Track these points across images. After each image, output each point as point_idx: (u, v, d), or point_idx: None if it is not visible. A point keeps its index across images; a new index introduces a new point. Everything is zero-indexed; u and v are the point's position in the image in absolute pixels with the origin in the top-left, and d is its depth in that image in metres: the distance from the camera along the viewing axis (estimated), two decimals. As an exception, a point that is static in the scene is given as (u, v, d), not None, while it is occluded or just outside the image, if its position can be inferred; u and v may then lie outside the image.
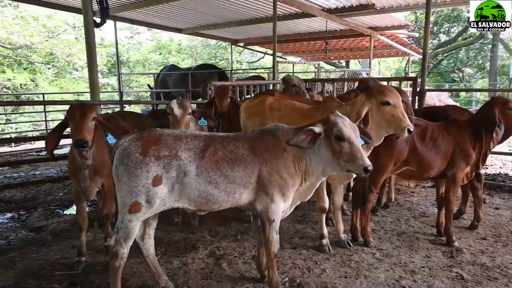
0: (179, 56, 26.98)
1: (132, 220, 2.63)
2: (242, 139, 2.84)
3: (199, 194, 2.67)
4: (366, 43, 13.12)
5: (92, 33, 5.10)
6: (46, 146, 3.33)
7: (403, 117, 3.11)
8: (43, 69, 18.74)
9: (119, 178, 2.61)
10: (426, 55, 6.31)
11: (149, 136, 2.68)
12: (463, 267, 3.53)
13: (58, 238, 4.36)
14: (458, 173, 3.95)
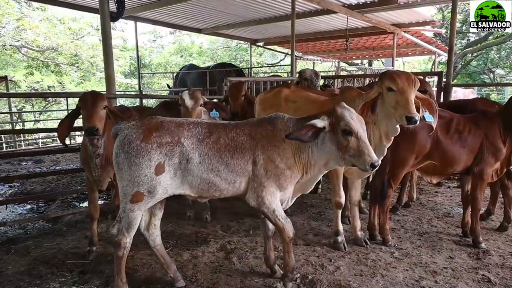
0: (200, 59, 27.24)
1: (134, 209, 2.57)
2: (242, 126, 2.78)
3: (201, 181, 2.62)
4: (389, 41, 12.73)
5: (108, 27, 5.12)
6: (58, 133, 3.33)
7: (406, 104, 2.89)
8: (69, 71, 19.29)
9: (120, 166, 2.54)
10: (452, 48, 6.05)
11: (150, 123, 2.61)
12: (490, 269, 3.28)
13: (73, 229, 4.44)
14: (487, 169, 3.67)
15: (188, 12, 10.36)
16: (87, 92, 3.34)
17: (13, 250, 3.80)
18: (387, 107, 3.07)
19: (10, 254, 3.70)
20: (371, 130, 3.27)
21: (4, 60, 17.32)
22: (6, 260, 3.56)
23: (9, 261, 3.53)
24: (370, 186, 3.95)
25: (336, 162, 2.64)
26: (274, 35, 13.67)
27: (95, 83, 20.82)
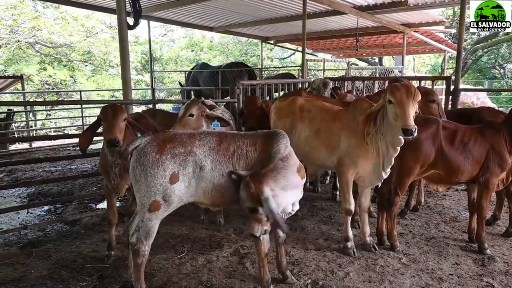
0: (210, 53, 27.33)
1: (152, 218, 2.74)
2: (249, 137, 2.99)
3: (213, 188, 2.78)
4: (399, 39, 12.77)
5: (125, 33, 5.24)
6: (79, 144, 3.48)
7: (402, 116, 3.02)
8: (81, 67, 19.54)
9: (137, 178, 2.71)
10: (460, 53, 6.12)
11: (163, 136, 2.80)
12: (495, 276, 3.42)
13: (90, 232, 4.58)
14: (492, 179, 3.79)
15: (200, 11, 10.50)
16: (108, 104, 3.47)
17: (34, 253, 3.93)
18: (389, 119, 3.22)
19: (31, 258, 3.83)
20: (379, 141, 3.43)
21: (17, 55, 17.56)
22: (28, 264, 3.69)
23: (31, 265, 3.67)
24: (378, 193, 4.09)
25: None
26: (285, 33, 13.76)
27: (106, 77, 21.10)
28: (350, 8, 8.86)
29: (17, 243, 4.29)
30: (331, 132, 3.79)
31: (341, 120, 3.77)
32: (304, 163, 4.29)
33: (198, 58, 26.38)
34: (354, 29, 11.33)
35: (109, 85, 20.66)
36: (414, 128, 2.97)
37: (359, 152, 3.58)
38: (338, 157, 3.74)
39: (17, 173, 7.85)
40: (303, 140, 4.01)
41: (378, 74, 10.90)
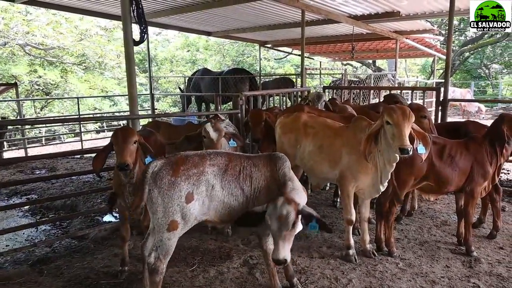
0: (206, 53, 27.37)
1: (171, 238, 2.93)
2: (254, 158, 3.26)
3: (223, 206, 3.03)
4: (392, 45, 13.26)
5: (132, 49, 5.28)
6: (93, 166, 3.57)
7: (399, 136, 3.33)
8: (74, 69, 19.38)
9: (153, 201, 2.87)
10: (448, 66, 6.50)
11: (176, 158, 2.99)
12: (480, 277, 3.79)
13: (100, 246, 4.60)
14: (477, 188, 4.20)
15: (199, 17, 10.73)
16: (119, 128, 3.53)
17: (45, 271, 3.91)
18: (387, 139, 3.57)
19: (44, 276, 3.81)
20: (377, 157, 3.80)
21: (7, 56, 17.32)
22: (41, 283, 3.66)
23: (44, 283, 3.64)
24: (376, 203, 4.46)
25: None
26: (282, 38, 14.09)
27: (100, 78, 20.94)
28: (346, 18, 9.25)
29: (26, 261, 4.30)
30: (333, 148, 4.14)
31: (342, 137, 4.12)
32: (309, 176, 4.69)
33: (194, 58, 26.45)
34: (349, 35, 11.72)
35: (102, 86, 20.52)
36: (410, 148, 3.31)
37: (359, 167, 3.92)
38: (339, 171, 4.09)
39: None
40: (307, 154, 4.37)
41: (373, 78, 11.32)
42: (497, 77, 27.12)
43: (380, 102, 6.05)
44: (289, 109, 5.42)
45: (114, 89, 21.25)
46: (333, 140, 4.17)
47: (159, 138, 4.48)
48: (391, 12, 9.05)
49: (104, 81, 20.79)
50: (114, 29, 19.62)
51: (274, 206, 2.75)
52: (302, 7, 7.91)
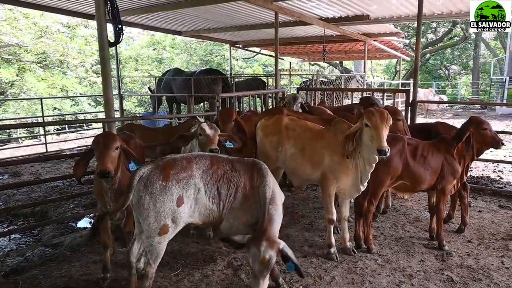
0: (173, 52, 26.97)
1: (161, 242, 2.95)
2: (237, 162, 3.27)
3: (205, 209, 3.08)
4: (360, 46, 13.70)
5: (107, 51, 5.09)
6: (74, 173, 3.46)
7: (377, 138, 3.50)
8: (32, 67, 18.38)
9: (145, 207, 2.85)
10: (417, 69, 6.81)
11: (165, 163, 3.00)
12: (453, 269, 4.05)
13: (77, 253, 4.46)
14: (447, 186, 4.46)
15: (170, 16, 10.57)
16: (100, 134, 3.42)
17: (20, 281, 3.74)
18: (365, 140, 3.73)
19: (20, 287, 3.65)
20: (357, 158, 3.96)
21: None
22: None
23: None
24: (355, 203, 4.62)
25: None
26: (253, 38, 14.18)
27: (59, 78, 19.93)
28: (317, 20, 9.46)
29: (-2, 272, 4.07)
30: (315, 150, 4.26)
31: (324, 139, 4.24)
32: (291, 177, 4.78)
33: (161, 57, 26.00)
34: (319, 37, 12.01)
35: (61, 85, 19.60)
36: (387, 149, 3.50)
37: (340, 168, 4.07)
38: (321, 173, 4.22)
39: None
40: (289, 157, 4.46)
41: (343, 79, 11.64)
42: (455, 78, 28.67)
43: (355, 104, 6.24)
44: (269, 111, 5.48)
45: (75, 88, 20.39)
46: (315, 143, 4.29)
47: (138, 141, 4.42)
48: (361, 15, 9.35)
49: (64, 80, 19.85)
50: (77, 26, 18.87)
51: (257, 250, 2.80)
52: (275, 9, 8.01)
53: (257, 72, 25.81)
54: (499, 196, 6.41)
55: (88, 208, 6.06)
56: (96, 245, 4.57)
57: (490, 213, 5.68)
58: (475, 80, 25.06)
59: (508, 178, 7.60)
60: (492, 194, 6.50)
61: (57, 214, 5.91)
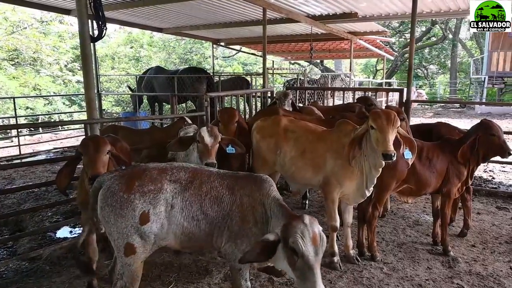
0: (151, 50, 26.33)
1: (131, 263, 2.56)
2: (228, 177, 2.78)
3: (183, 231, 2.61)
4: (345, 45, 13.59)
5: (89, 47, 4.70)
6: (57, 184, 3.16)
7: (383, 142, 3.26)
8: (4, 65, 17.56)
9: (106, 220, 2.53)
10: (411, 68, 6.66)
11: (132, 172, 2.63)
12: (462, 277, 3.87)
13: (57, 267, 4.11)
14: (453, 189, 4.29)
15: (151, 13, 10.14)
16: (88, 137, 3.21)
17: None
18: (372, 143, 3.48)
19: None
20: (363, 162, 3.71)
21: None
22: None
23: None
24: (358, 209, 4.39)
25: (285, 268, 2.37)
26: (237, 36, 13.85)
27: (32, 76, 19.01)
28: (305, 18, 9.24)
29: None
30: (317, 153, 3.99)
31: (326, 142, 3.98)
32: (289, 182, 4.50)
33: (138, 55, 25.31)
34: (304, 35, 11.81)
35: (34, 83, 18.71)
36: (394, 153, 3.24)
37: (344, 172, 3.81)
38: (323, 177, 3.96)
39: None
40: (288, 160, 4.17)
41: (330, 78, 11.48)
42: (433, 77, 29.18)
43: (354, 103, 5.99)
44: (264, 112, 5.18)
45: (48, 87, 19.55)
46: (316, 145, 4.02)
47: (125, 145, 4.09)
48: (349, 13, 9.18)
49: (37, 79, 18.97)
50: (51, 21, 18.03)
51: (304, 225, 2.17)
52: (263, 5, 7.72)
53: (237, 71, 25.48)
54: (494, 196, 6.34)
55: (68, 216, 5.63)
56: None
57: (489, 215, 5.58)
58: (452, 79, 25.58)
59: (500, 178, 7.58)
60: (487, 195, 6.44)
61: (34, 223, 5.48)
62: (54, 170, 8.36)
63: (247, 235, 2.61)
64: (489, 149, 4.18)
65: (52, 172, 8.18)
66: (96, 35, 5.05)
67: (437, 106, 22.51)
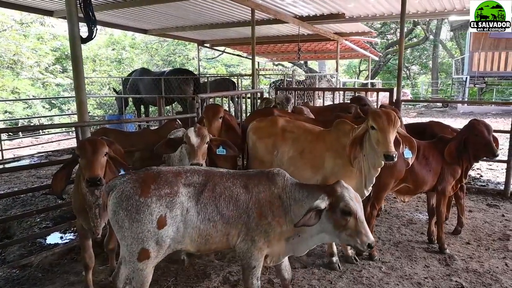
0: (133, 52, 25.97)
1: (143, 268, 2.53)
2: (239, 177, 2.81)
3: (199, 234, 2.62)
4: (330, 46, 13.66)
5: (79, 48, 4.62)
6: (53, 188, 3.07)
7: (384, 142, 3.22)
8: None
9: (120, 224, 2.48)
10: (401, 68, 6.72)
11: (146, 175, 2.59)
12: (460, 274, 3.89)
13: (50, 274, 3.97)
14: (448, 186, 4.33)
15: (136, 14, 9.98)
16: (85, 139, 3.14)
17: None
18: (372, 143, 3.46)
19: None
20: (362, 161, 3.69)
21: None
22: None
23: None
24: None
25: (330, 238, 2.74)
26: (223, 37, 13.77)
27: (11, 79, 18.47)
28: (292, 18, 9.24)
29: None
30: (316, 153, 3.95)
31: (325, 141, 3.94)
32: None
33: (120, 57, 24.93)
34: (290, 36, 11.81)
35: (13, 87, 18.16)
36: (395, 154, 3.22)
37: (343, 172, 3.77)
38: (322, 177, 3.92)
39: None
40: (286, 161, 4.12)
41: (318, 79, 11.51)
42: (415, 78, 29.71)
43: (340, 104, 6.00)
44: (259, 112, 5.12)
45: (28, 90, 19.06)
46: (315, 145, 3.99)
47: (118, 147, 4.01)
48: (336, 14, 9.22)
49: (16, 82, 18.42)
50: (31, 23, 17.55)
51: (346, 189, 2.59)
52: (252, 6, 7.68)
53: (220, 72, 25.39)
54: (484, 194, 6.44)
55: (58, 222, 5.45)
56: (71, 263, 4.17)
57: (480, 212, 5.65)
58: (434, 80, 26.10)
59: (487, 175, 7.72)
60: (477, 193, 6.53)
61: (22, 230, 5.28)
62: (39, 175, 8.19)
63: (264, 231, 2.67)
64: (475, 149, 4.21)
65: (37, 177, 7.99)
66: (86, 36, 4.91)
67: (420, 106, 22.91)
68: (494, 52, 17.64)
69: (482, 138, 4.12)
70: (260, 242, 2.69)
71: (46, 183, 7.22)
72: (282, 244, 2.80)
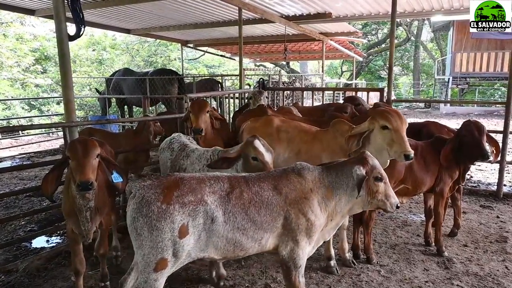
0: (113, 53, 25.44)
1: (158, 279, 2.41)
2: (266, 179, 2.70)
3: (226, 242, 2.51)
4: (315, 46, 13.59)
5: (67, 46, 4.45)
6: (43, 190, 2.94)
7: (401, 142, 3.18)
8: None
9: (138, 232, 2.35)
10: (391, 68, 6.65)
11: (169, 181, 2.46)
12: (461, 278, 3.79)
13: (37, 280, 3.82)
14: (445, 187, 4.23)
15: (118, 13, 9.69)
16: (76, 140, 3.00)
17: None
18: (380, 143, 3.33)
19: None
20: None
21: None
22: None
23: None
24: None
25: (360, 207, 2.78)
26: (207, 37, 13.55)
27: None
28: (279, 18, 9.11)
29: None
30: (312, 153, 3.82)
31: (322, 142, 3.82)
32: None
33: (101, 58, 24.39)
34: (276, 36, 11.66)
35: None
36: (413, 153, 3.16)
37: (341, 173, 3.65)
38: (320, 178, 3.77)
39: None
40: (282, 162, 3.95)
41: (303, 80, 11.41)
42: (397, 79, 30.08)
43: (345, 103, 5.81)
44: (252, 112, 4.94)
45: (7, 91, 18.46)
46: (311, 145, 3.85)
47: (109, 148, 3.85)
48: (323, 13, 9.13)
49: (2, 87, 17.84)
50: (11, 22, 16.90)
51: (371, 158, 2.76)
52: (239, 5, 7.50)
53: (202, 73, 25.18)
54: (476, 195, 6.42)
55: (43, 225, 5.23)
56: (59, 267, 4.04)
57: (474, 213, 5.60)
58: (416, 81, 26.47)
59: (477, 176, 7.73)
60: (469, 194, 6.49)
61: (6, 233, 5.03)
62: (21, 176, 7.95)
63: (305, 228, 2.62)
64: (467, 150, 4.05)
65: (20, 179, 7.73)
66: (74, 34, 4.71)
67: (403, 107, 23.14)
68: (476, 53, 17.96)
69: (472, 139, 3.98)
70: (303, 241, 2.64)
71: (29, 185, 7.16)
72: (318, 235, 2.78)
